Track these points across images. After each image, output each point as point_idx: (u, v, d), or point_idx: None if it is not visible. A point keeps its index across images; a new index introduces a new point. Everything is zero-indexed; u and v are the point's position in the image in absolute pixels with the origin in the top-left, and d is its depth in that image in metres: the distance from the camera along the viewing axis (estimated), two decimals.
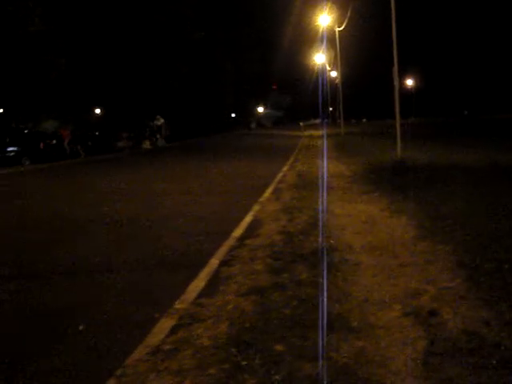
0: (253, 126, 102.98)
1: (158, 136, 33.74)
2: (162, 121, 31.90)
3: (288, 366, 3.96)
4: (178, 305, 5.45)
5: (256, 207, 11.48)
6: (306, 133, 62.48)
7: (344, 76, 57.07)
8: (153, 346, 4.46)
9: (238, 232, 8.97)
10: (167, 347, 4.42)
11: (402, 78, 26.56)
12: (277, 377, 3.81)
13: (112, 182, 18.38)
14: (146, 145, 43.07)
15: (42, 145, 31.14)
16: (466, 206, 9.53)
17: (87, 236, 9.41)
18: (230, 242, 8.26)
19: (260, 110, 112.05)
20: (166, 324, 4.95)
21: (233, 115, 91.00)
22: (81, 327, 5.07)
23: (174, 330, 4.77)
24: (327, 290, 5.56)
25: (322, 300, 5.26)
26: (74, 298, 5.98)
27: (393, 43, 17.47)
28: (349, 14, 41.56)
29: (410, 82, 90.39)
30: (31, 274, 7.06)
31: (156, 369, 4.04)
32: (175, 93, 49.97)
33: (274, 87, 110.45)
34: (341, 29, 46.19)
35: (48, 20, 32.02)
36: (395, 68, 17.71)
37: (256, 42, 79.19)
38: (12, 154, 29.72)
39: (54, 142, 33.15)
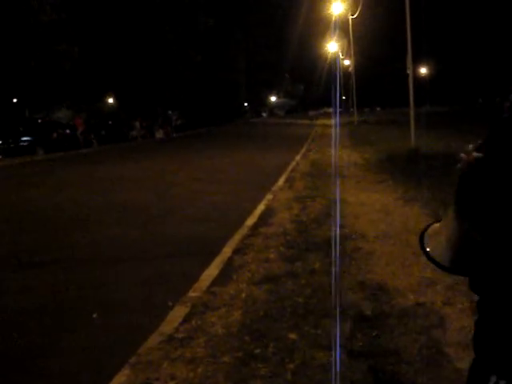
0: (264, 114, 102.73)
1: None
2: None
3: (301, 354, 3.95)
4: (191, 293, 5.46)
5: (269, 196, 11.45)
6: (319, 121, 62.23)
7: (357, 64, 56.74)
8: (166, 334, 4.47)
9: (250, 221, 8.95)
10: (181, 335, 4.42)
11: (415, 66, 26.41)
12: (290, 365, 3.80)
13: (124, 171, 18.42)
14: (160, 134, 43.09)
15: (55, 134, 31.23)
16: None
17: (101, 224, 9.44)
18: (243, 230, 8.25)
19: (273, 99, 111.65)
20: (179, 312, 4.95)
21: (245, 104, 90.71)
22: (94, 315, 5.10)
23: (187, 318, 4.77)
24: (341, 279, 5.54)
25: (336, 288, 5.24)
26: (86, 286, 6.01)
27: (407, 31, 17.32)
28: (362, 2, 41.21)
29: (423, 70, 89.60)
30: (48, 261, 7.10)
31: (169, 357, 4.05)
32: (188, 82, 49.89)
33: (287, 76, 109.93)
34: (354, 17, 45.86)
35: (60, 9, 32.00)
36: (409, 56, 17.56)
37: (269, 31, 78.76)
38: (26, 143, 29.84)
39: (68, 131, 33.26)
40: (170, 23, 45.21)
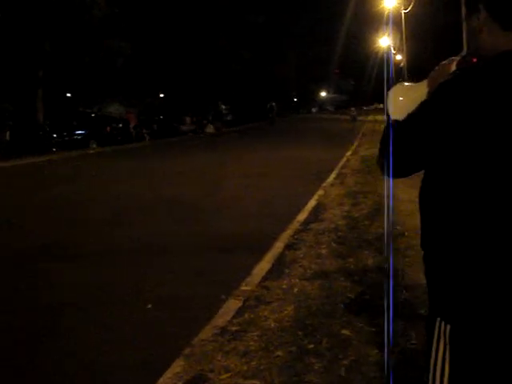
0: (314, 110, 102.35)
1: None
2: None
3: (355, 351, 3.93)
4: (243, 287, 5.49)
5: (320, 192, 11.41)
6: (370, 117, 61.57)
7: (409, 59, 55.84)
8: (219, 326, 4.51)
9: (301, 216, 8.94)
10: (234, 328, 4.45)
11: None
12: (344, 362, 3.78)
13: (175, 165, 18.62)
14: (210, 129, 43.32)
15: (108, 128, 31.79)
16: None
17: (151, 217, 9.59)
18: (294, 225, 8.25)
19: (323, 94, 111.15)
20: (232, 306, 4.99)
21: (295, 99, 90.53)
22: (149, 306, 5.18)
23: (240, 312, 4.80)
24: (394, 276, 5.47)
25: (389, 286, 5.19)
26: (139, 277, 6.11)
27: (462, 26, 16.97)
28: None
29: None
30: (95, 252, 7.26)
31: (223, 349, 4.08)
32: (238, 77, 50.09)
33: (337, 71, 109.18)
34: (407, 11, 45.11)
35: (113, 4, 32.45)
36: (464, 51, 17.21)
37: (318, 26, 78.24)
38: (79, 137, 30.45)
39: (120, 125, 33.80)
40: (220, 20, 45.45)
